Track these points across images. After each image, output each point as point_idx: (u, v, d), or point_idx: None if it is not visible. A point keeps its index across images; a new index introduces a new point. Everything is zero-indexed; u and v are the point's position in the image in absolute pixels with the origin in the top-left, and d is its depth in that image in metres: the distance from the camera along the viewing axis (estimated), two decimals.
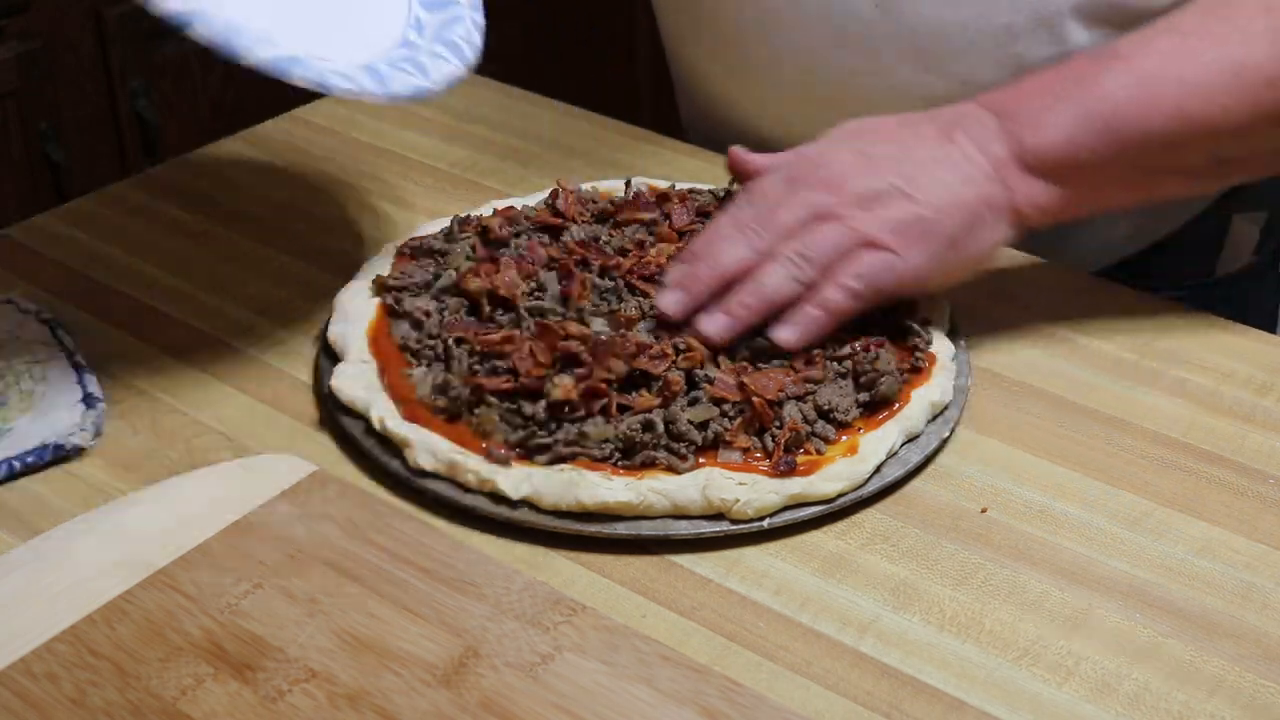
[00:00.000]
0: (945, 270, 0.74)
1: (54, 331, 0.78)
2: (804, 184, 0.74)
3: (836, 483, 0.67)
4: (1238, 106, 0.74)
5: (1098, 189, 0.76)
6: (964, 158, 0.75)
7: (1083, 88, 0.75)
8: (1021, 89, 0.77)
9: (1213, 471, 0.71)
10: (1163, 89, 0.74)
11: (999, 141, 0.75)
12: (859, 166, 0.74)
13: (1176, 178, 0.78)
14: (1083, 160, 0.74)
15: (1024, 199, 0.75)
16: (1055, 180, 0.75)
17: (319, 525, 0.65)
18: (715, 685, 0.58)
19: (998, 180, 0.74)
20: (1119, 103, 0.74)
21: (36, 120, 1.49)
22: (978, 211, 0.74)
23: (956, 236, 0.74)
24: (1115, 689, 0.60)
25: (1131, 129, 0.74)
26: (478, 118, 1.03)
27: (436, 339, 0.74)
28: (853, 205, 0.73)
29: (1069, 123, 0.74)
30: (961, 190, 0.74)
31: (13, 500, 0.68)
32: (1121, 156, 0.75)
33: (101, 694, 0.57)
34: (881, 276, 0.72)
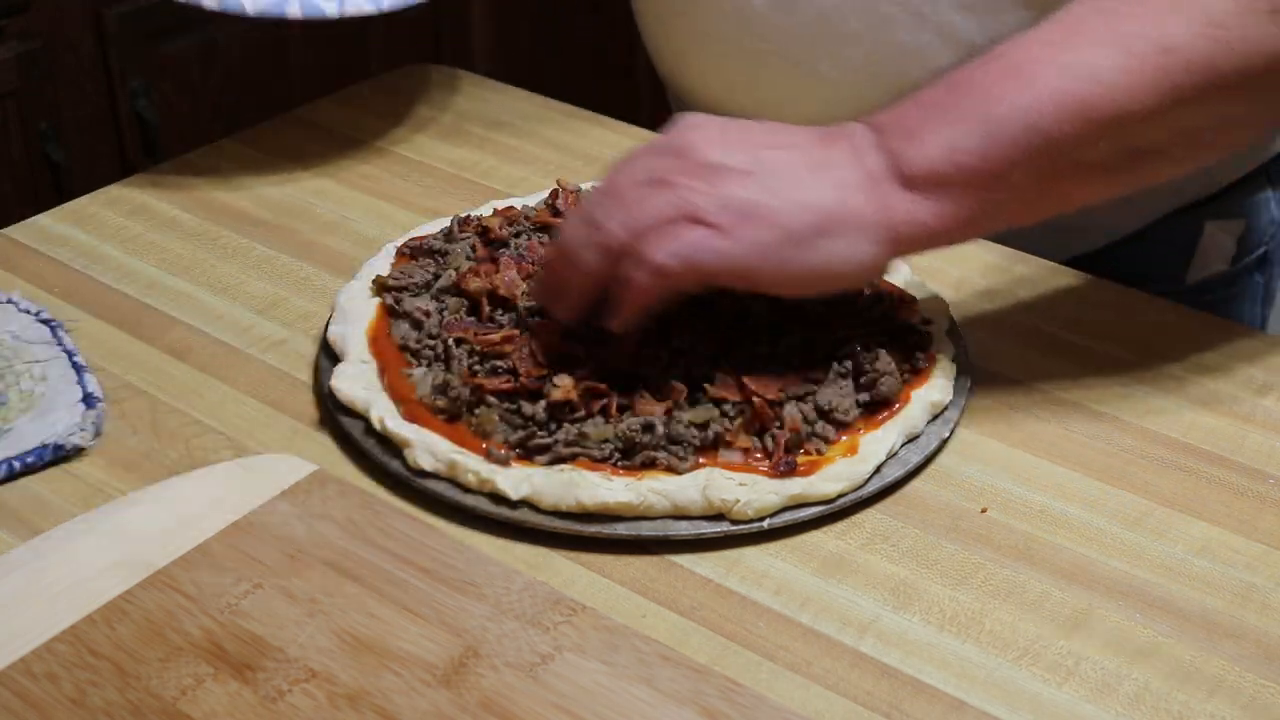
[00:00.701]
0: (783, 270, 0.67)
1: (54, 331, 0.78)
2: (658, 148, 0.69)
3: (836, 483, 0.67)
4: (1134, 82, 0.66)
5: (992, 200, 0.68)
6: (837, 164, 0.68)
7: (960, 93, 0.68)
8: (899, 106, 0.70)
9: (1213, 471, 0.71)
10: (1046, 78, 0.67)
11: (875, 155, 0.68)
12: (715, 140, 0.69)
13: (1083, 178, 0.69)
14: (968, 170, 0.67)
15: (902, 217, 0.68)
16: (939, 195, 0.68)
17: (319, 525, 0.65)
18: (715, 685, 0.58)
19: (870, 195, 0.68)
20: (999, 101, 0.67)
21: (36, 120, 1.49)
22: (836, 219, 0.67)
23: (800, 236, 0.66)
24: (1115, 689, 0.60)
25: (1017, 128, 0.67)
26: (478, 118, 1.03)
27: (436, 339, 0.74)
28: (691, 174, 0.67)
29: (948, 131, 0.67)
30: (821, 192, 0.67)
31: (13, 500, 0.68)
32: (1013, 161, 0.67)
33: (101, 694, 0.57)
34: (699, 255, 0.66)
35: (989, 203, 0.68)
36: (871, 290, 0.78)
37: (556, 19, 2.05)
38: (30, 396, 0.73)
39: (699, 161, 0.67)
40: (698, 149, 0.68)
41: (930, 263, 0.85)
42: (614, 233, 0.67)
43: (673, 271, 0.66)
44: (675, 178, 0.67)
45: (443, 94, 1.06)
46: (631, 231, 0.67)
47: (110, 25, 1.52)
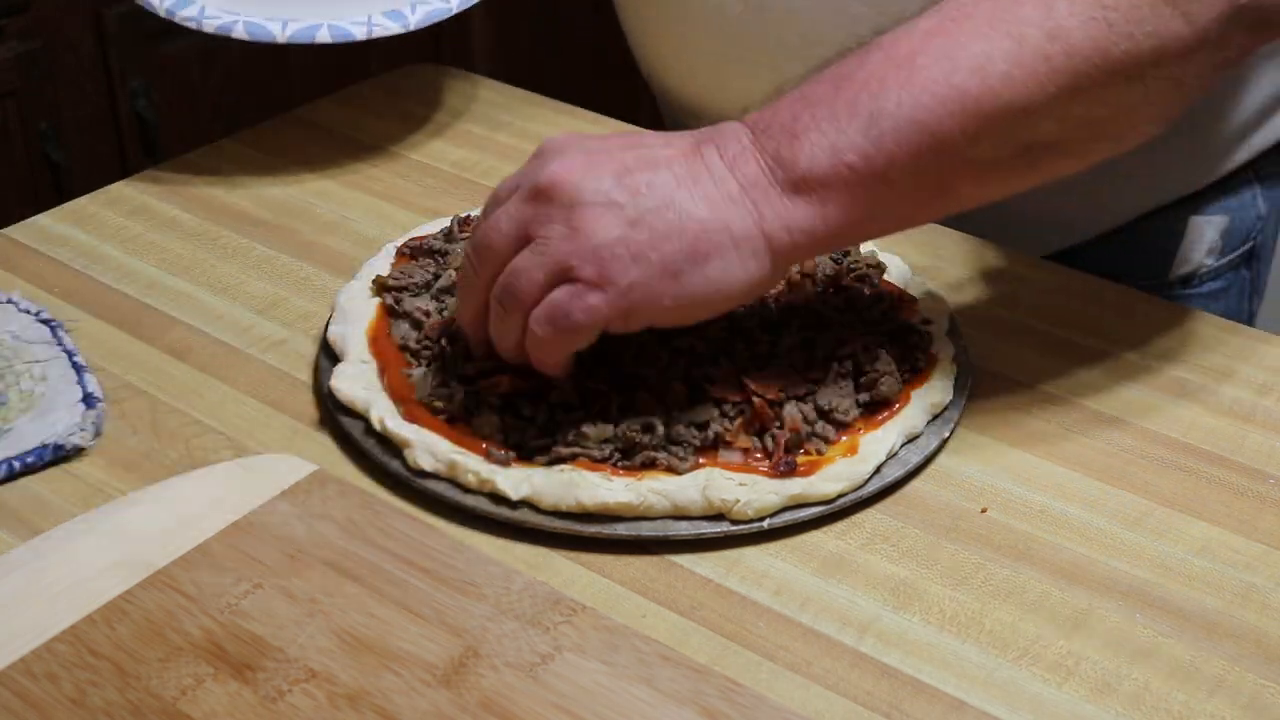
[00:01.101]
0: (665, 306, 0.65)
1: (54, 331, 0.78)
2: (524, 185, 0.66)
3: (836, 483, 0.67)
4: (1020, 71, 0.63)
5: (879, 202, 0.65)
6: (709, 176, 0.65)
7: (840, 88, 0.65)
8: (779, 102, 0.66)
9: (1213, 471, 0.71)
10: (928, 69, 0.64)
11: (751, 158, 0.65)
12: (576, 167, 0.65)
13: (973, 175, 0.66)
14: (851, 168, 0.64)
15: (780, 225, 0.65)
16: (823, 198, 0.64)
17: (319, 525, 0.65)
18: (715, 685, 0.58)
19: (746, 203, 0.64)
20: (881, 96, 0.64)
21: (36, 120, 1.49)
22: (711, 239, 0.64)
23: (677, 266, 0.64)
24: (1115, 689, 0.60)
25: (900, 122, 0.63)
26: (478, 117, 1.03)
27: (435, 340, 0.74)
28: (555, 220, 0.64)
29: (828, 128, 0.64)
30: (694, 211, 0.64)
31: (13, 500, 0.68)
32: (898, 157, 0.64)
33: (101, 694, 0.57)
34: (573, 317, 0.64)
35: (875, 203, 0.65)
36: (871, 290, 0.78)
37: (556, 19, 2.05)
38: (30, 396, 0.73)
39: (559, 202, 0.64)
40: (559, 186, 0.65)
41: (930, 262, 0.85)
42: (503, 314, 0.67)
43: (553, 341, 0.65)
44: (538, 230, 0.65)
45: (443, 94, 1.06)
46: (515, 305, 0.66)
47: (110, 25, 1.52)
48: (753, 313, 0.74)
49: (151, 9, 0.90)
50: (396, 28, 0.92)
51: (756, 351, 0.73)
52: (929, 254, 0.87)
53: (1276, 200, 0.99)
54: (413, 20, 0.92)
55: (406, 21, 0.92)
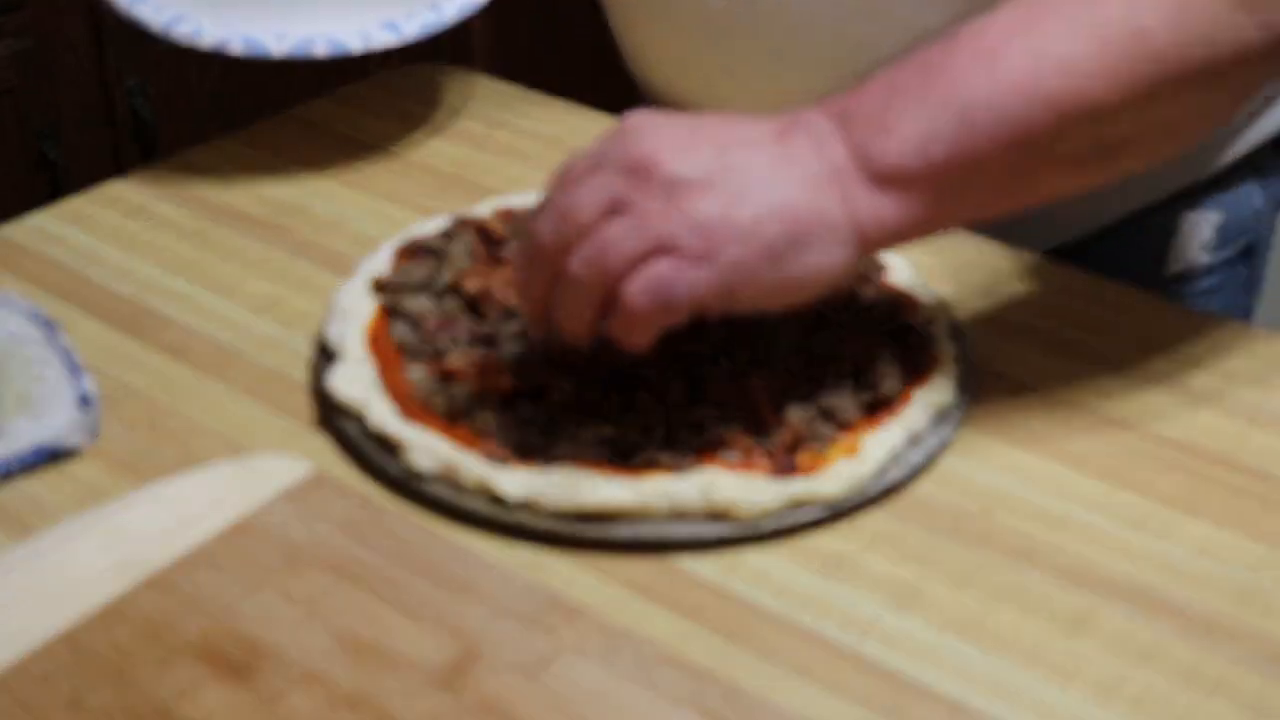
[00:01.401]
0: (762, 289, 0.64)
1: (50, 332, 0.77)
2: (609, 161, 0.64)
3: (838, 484, 0.67)
4: (1105, 72, 0.64)
5: (962, 196, 0.66)
6: (799, 159, 0.64)
7: (929, 79, 0.65)
8: (863, 90, 0.66)
9: (1216, 472, 0.71)
10: (1015, 67, 0.64)
11: (839, 147, 0.65)
12: (671, 148, 0.64)
13: (1055, 172, 0.67)
14: (940, 164, 0.64)
15: (868, 215, 0.65)
16: (908, 191, 0.65)
17: (317, 526, 0.65)
18: (716, 687, 0.58)
19: (836, 192, 0.64)
20: (971, 90, 0.64)
21: (33, 118, 1.49)
22: (805, 225, 0.64)
23: (777, 249, 0.63)
24: (1118, 691, 0.59)
25: (991, 118, 0.64)
26: (477, 117, 1.03)
27: (434, 341, 0.73)
28: (653, 195, 0.63)
29: (918, 122, 0.64)
30: (791, 194, 0.64)
31: (8, 501, 0.68)
32: (986, 155, 0.65)
33: (98, 696, 0.57)
34: (674, 290, 0.62)
35: (958, 197, 0.66)
36: (873, 290, 0.78)
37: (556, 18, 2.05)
38: (26, 397, 0.73)
39: (658, 178, 0.63)
40: (655, 162, 0.63)
41: (931, 262, 0.84)
42: (584, 278, 0.63)
43: (651, 313, 0.63)
44: (635, 200, 0.63)
45: (443, 94, 1.06)
46: (606, 274, 0.63)
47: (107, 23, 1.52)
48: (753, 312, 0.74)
49: (147, 26, 0.91)
50: (393, 39, 0.92)
51: (757, 351, 0.72)
52: (931, 253, 0.86)
53: (1274, 195, 0.99)
54: (408, 31, 0.93)
55: (402, 33, 0.93)
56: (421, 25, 0.93)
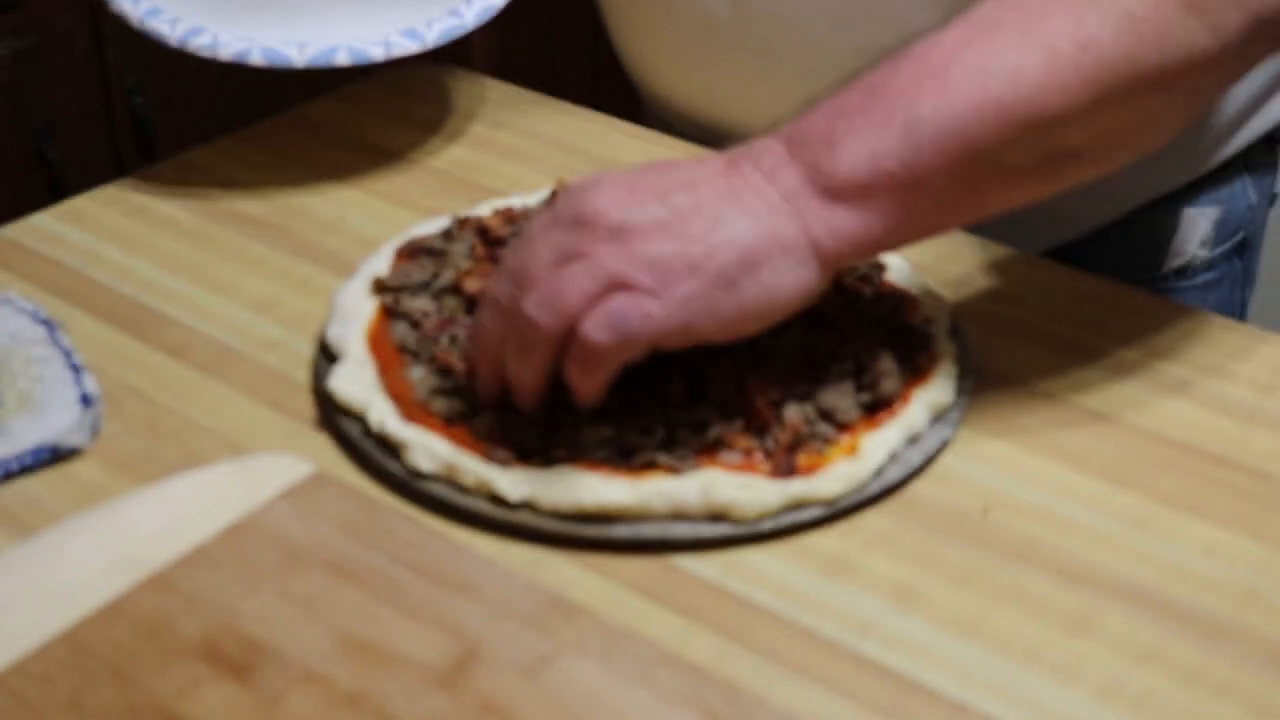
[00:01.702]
0: (721, 319, 0.64)
1: (50, 331, 0.77)
2: (560, 221, 0.65)
3: (838, 484, 0.67)
4: (1053, 81, 0.64)
5: (915, 208, 0.66)
6: (748, 189, 0.65)
7: (875, 97, 0.66)
8: (811, 114, 0.67)
9: (1217, 472, 0.71)
10: (963, 79, 0.65)
11: (789, 169, 0.65)
12: (619, 198, 0.65)
13: (1004, 183, 0.68)
14: (890, 176, 0.65)
15: (825, 231, 0.65)
16: (862, 205, 0.65)
17: (317, 526, 0.65)
18: (715, 687, 0.58)
19: (790, 213, 0.65)
20: (917, 104, 0.65)
21: (31, 118, 1.49)
22: (762, 248, 0.64)
23: (731, 276, 0.63)
24: (1120, 691, 0.59)
25: (936, 131, 0.64)
26: (478, 117, 1.03)
27: (434, 341, 0.73)
28: (604, 240, 0.64)
29: (866, 137, 0.65)
30: (740, 224, 0.64)
31: (9, 501, 0.68)
32: (934, 166, 0.65)
33: (98, 696, 0.57)
34: (631, 322, 0.62)
35: (912, 210, 0.66)
36: (872, 290, 0.78)
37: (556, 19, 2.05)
38: (27, 397, 0.73)
39: (606, 226, 0.64)
40: (601, 213, 0.64)
41: (930, 262, 0.84)
42: (542, 324, 0.63)
43: (607, 347, 0.63)
44: (587, 248, 0.64)
45: (443, 94, 1.06)
46: (561, 316, 0.63)
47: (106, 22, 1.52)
48: None
49: (163, 39, 0.90)
50: (414, 46, 0.91)
51: (756, 351, 0.72)
52: (930, 253, 0.86)
53: (1265, 190, 1.00)
54: (430, 38, 0.92)
55: (424, 40, 0.91)
56: (443, 31, 0.92)
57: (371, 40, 0.91)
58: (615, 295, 0.63)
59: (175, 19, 0.89)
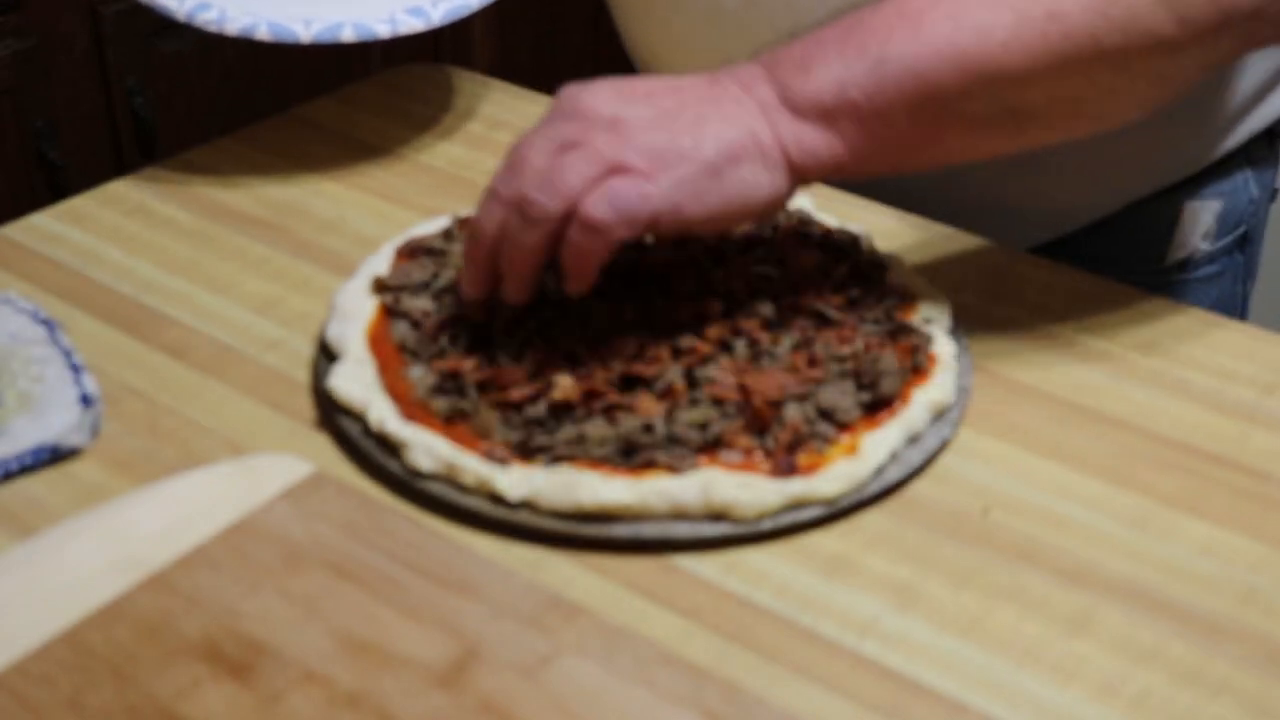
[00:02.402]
0: (707, 205, 0.69)
1: (51, 331, 0.77)
2: (554, 118, 0.71)
3: (837, 483, 0.67)
4: (1017, 43, 0.69)
5: (877, 138, 0.71)
6: (728, 98, 0.71)
7: (851, 33, 0.71)
8: (790, 42, 0.73)
9: (1216, 472, 0.71)
10: (934, 26, 0.70)
11: (764, 86, 0.71)
12: (612, 97, 0.70)
13: (962, 129, 0.72)
14: (854, 104, 0.70)
15: (794, 142, 0.70)
16: (826, 125, 0.70)
17: (317, 526, 0.65)
18: (715, 687, 0.58)
19: (765, 121, 0.70)
20: (888, 43, 0.70)
21: (32, 118, 1.49)
22: (742, 146, 0.69)
23: (716, 166, 0.69)
24: (1118, 691, 0.59)
25: (902, 70, 0.69)
26: (477, 117, 1.03)
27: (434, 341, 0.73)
28: (600, 130, 0.69)
29: (837, 66, 0.70)
30: (722, 123, 0.70)
31: (9, 501, 0.68)
32: (897, 102, 0.70)
33: (98, 696, 0.57)
34: (631, 202, 0.67)
35: (874, 138, 0.71)
36: (872, 289, 0.78)
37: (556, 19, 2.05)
38: (27, 397, 0.73)
39: (602, 118, 0.69)
40: (596, 107, 0.70)
41: (930, 262, 0.85)
42: (543, 204, 0.68)
43: (609, 224, 0.67)
44: (584, 137, 0.68)
45: (443, 94, 1.06)
46: (561, 198, 0.67)
47: (107, 23, 1.52)
48: (753, 312, 0.74)
49: (170, 14, 0.90)
50: (420, 24, 0.92)
51: (756, 351, 0.72)
52: (930, 253, 0.86)
53: (1266, 184, 1.01)
54: (435, 16, 0.93)
55: (430, 18, 0.92)
56: (448, 10, 0.93)
57: (377, 18, 0.91)
58: (613, 179, 0.67)
59: None
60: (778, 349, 0.72)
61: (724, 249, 0.79)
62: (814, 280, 0.77)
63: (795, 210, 0.84)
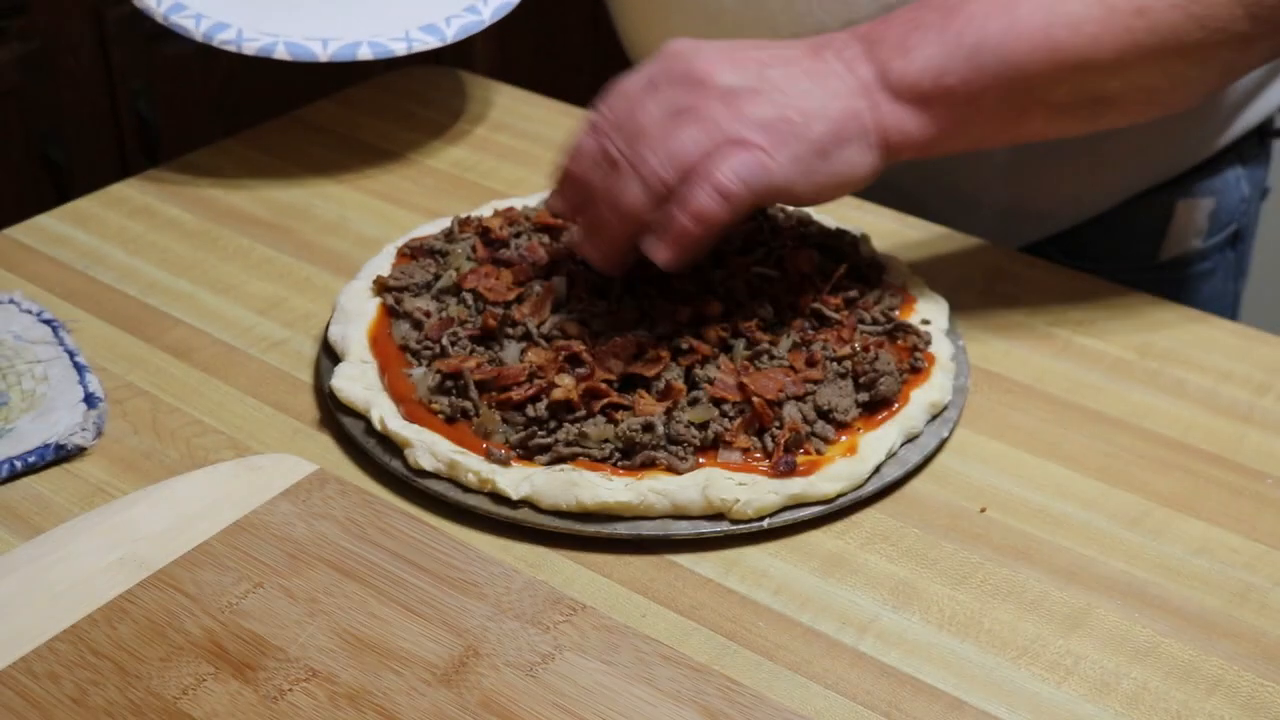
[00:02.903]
0: (814, 183, 0.71)
1: (55, 332, 0.78)
2: (665, 80, 0.71)
3: (836, 483, 0.67)
4: (1107, 36, 0.72)
5: (966, 120, 0.74)
6: (832, 74, 0.72)
7: (949, 17, 0.73)
8: (889, 19, 0.74)
9: (1211, 471, 0.71)
10: (1030, 17, 0.72)
11: (865, 65, 0.73)
12: (724, 62, 0.71)
13: (1046, 114, 0.75)
14: (949, 90, 0.72)
15: (891, 124, 0.73)
16: (922, 108, 0.73)
17: (319, 525, 0.65)
18: (715, 685, 0.58)
19: (866, 101, 0.72)
20: (985, 31, 0.72)
21: (37, 120, 1.49)
22: (845, 125, 0.71)
23: (825, 145, 0.71)
24: (1114, 688, 0.60)
25: (997, 58, 0.72)
26: (478, 118, 1.03)
27: (435, 341, 0.74)
28: (716, 101, 0.70)
29: (935, 51, 0.72)
30: (829, 100, 0.71)
31: (14, 500, 0.68)
32: (989, 88, 0.73)
33: (102, 693, 0.57)
34: (754, 176, 0.69)
35: (961, 121, 0.74)
36: (871, 290, 0.78)
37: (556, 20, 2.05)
38: (32, 396, 0.73)
39: (715, 88, 0.70)
40: (708, 74, 0.70)
41: (930, 262, 0.85)
42: (658, 171, 0.68)
43: (735, 192, 0.68)
44: (700, 105, 0.69)
45: (443, 94, 1.06)
46: (678, 167, 0.68)
47: (111, 25, 1.52)
48: (753, 312, 0.74)
49: (188, 34, 0.91)
50: (434, 41, 0.93)
51: (756, 351, 0.73)
52: (929, 253, 0.87)
53: (1257, 181, 1.02)
54: (449, 34, 0.94)
55: (444, 35, 0.93)
56: (461, 27, 0.94)
57: (392, 36, 0.92)
58: (733, 150, 0.68)
59: (199, 15, 0.91)
60: (777, 349, 0.73)
61: (724, 249, 0.79)
62: (813, 281, 0.77)
63: (795, 210, 0.84)
